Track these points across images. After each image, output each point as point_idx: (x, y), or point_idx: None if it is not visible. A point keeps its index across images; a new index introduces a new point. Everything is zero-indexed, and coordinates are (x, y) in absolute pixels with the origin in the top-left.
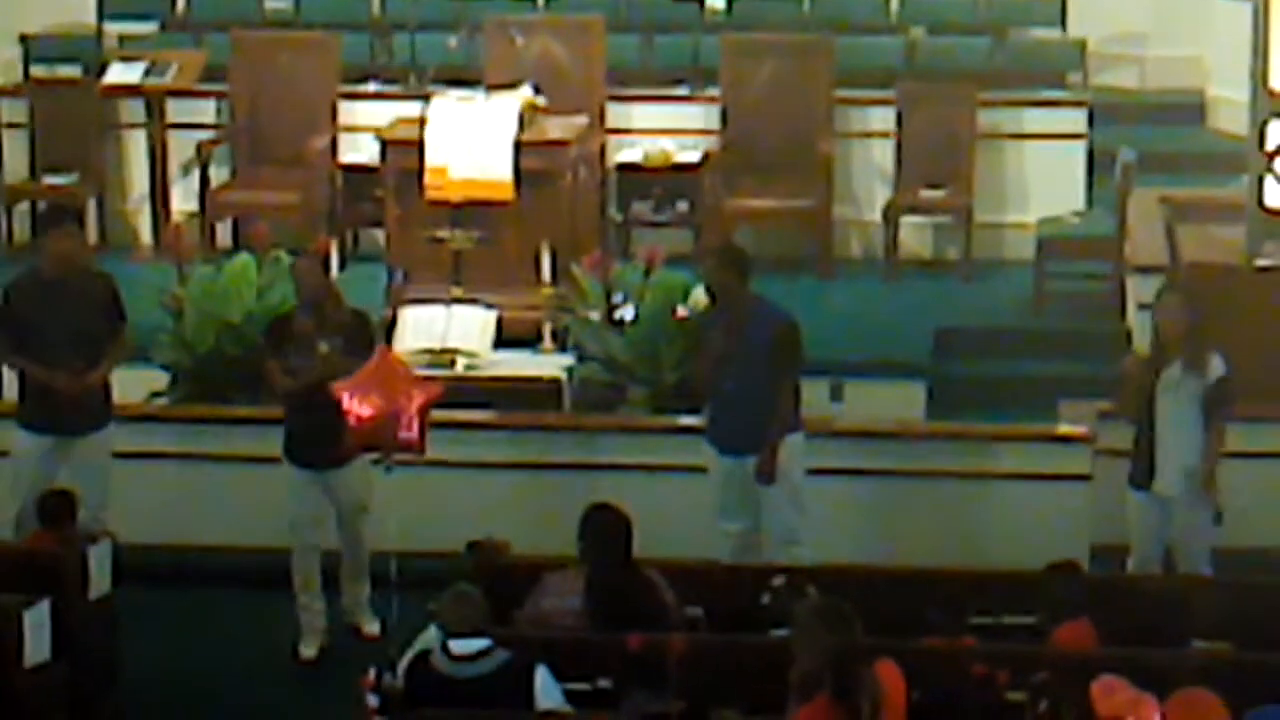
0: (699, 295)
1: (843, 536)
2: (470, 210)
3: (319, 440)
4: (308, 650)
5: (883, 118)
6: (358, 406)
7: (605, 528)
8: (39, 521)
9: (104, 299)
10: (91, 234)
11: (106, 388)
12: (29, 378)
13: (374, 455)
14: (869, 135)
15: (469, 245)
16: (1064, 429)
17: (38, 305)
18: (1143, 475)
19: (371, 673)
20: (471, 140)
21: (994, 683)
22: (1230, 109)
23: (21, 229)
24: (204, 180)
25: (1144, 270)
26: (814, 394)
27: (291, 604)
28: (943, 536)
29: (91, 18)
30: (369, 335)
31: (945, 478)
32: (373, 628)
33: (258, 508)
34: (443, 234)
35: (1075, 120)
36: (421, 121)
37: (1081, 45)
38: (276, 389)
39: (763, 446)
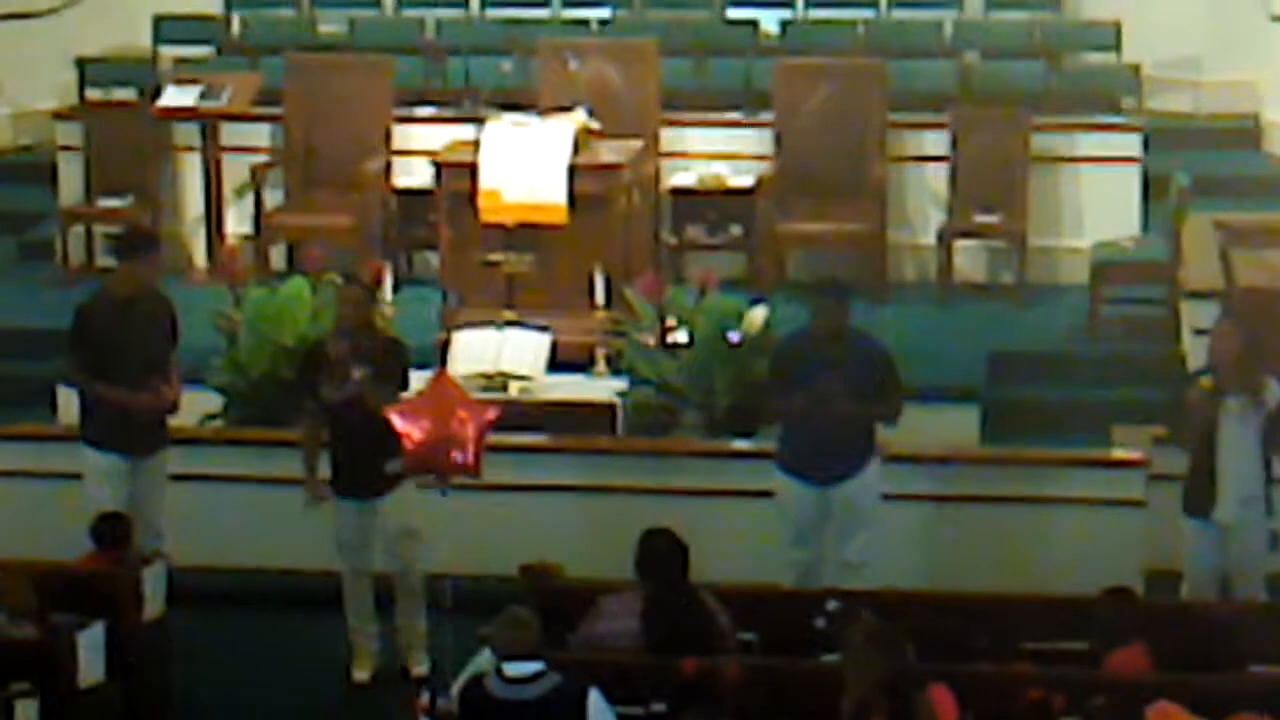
0: (753, 318)
1: (896, 561)
2: (524, 233)
3: (361, 469)
4: (360, 673)
5: (936, 142)
6: (410, 430)
7: (662, 552)
8: (94, 543)
9: (167, 321)
10: None
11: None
12: (102, 398)
13: (426, 479)
14: (923, 159)
15: (522, 268)
16: (1118, 454)
17: (111, 327)
18: (1199, 502)
19: (425, 696)
20: (526, 164)
21: (1049, 707)
22: None
23: (77, 252)
24: (258, 203)
25: (1198, 295)
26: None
27: (344, 626)
28: (996, 561)
29: (147, 41)
30: (403, 364)
31: (999, 503)
32: (421, 668)
33: (310, 530)
34: (496, 257)
35: (1130, 145)
36: (476, 145)
37: (1136, 69)
38: (307, 422)
39: (848, 473)
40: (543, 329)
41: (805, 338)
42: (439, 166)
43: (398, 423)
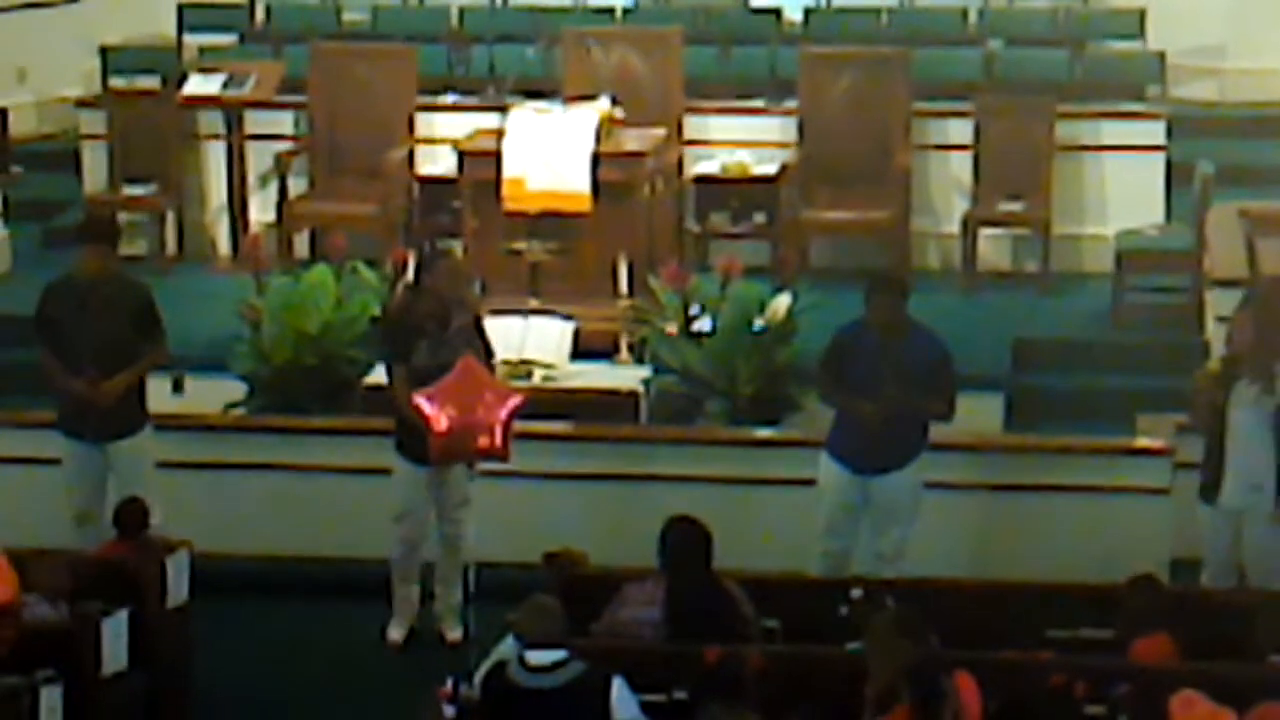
0: (776, 307)
1: (921, 549)
2: (548, 222)
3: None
4: (395, 633)
5: (961, 130)
6: (437, 416)
7: (685, 540)
8: (115, 530)
9: (135, 308)
10: (170, 244)
11: (139, 394)
12: (49, 383)
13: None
14: (947, 148)
15: (546, 257)
16: (1143, 442)
17: (69, 310)
18: (1212, 489)
19: (448, 683)
20: (549, 152)
21: (1072, 695)
22: None
23: None
24: (282, 191)
25: (1223, 284)
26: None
27: (364, 615)
28: (1020, 549)
29: (171, 29)
30: (486, 336)
31: (1023, 491)
32: (455, 634)
33: (333, 518)
34: (520, 245)
35: (1154, 133)
36: (499, 133)
37: (1160, 58)
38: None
39: (895, 465)
40: (567, 317)
41: (862, 328)
42: (463, 154)
43: (425, 408)
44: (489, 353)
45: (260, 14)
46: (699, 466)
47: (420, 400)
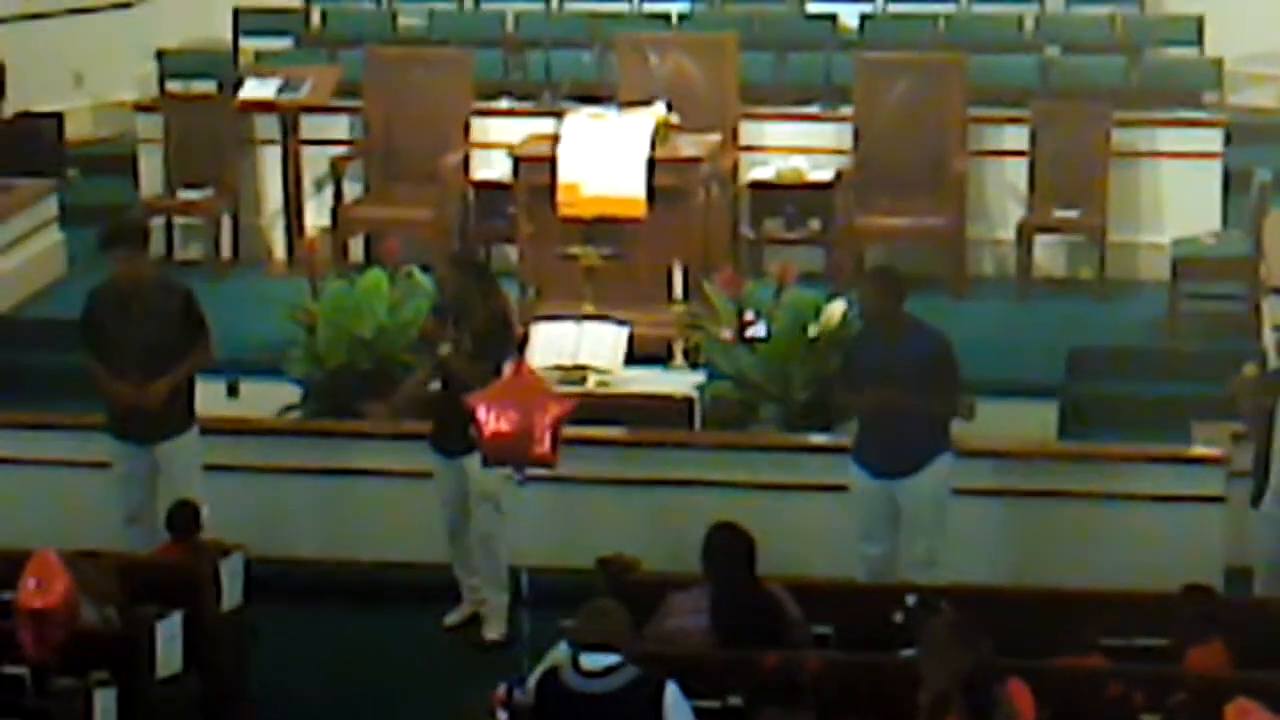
0: (831, 313)
1: (974, 557)
2: (602, 227)
3: (455, 425)
4: (452, 617)
5: (1016, 136)
6: (494, 421)
7: (728, 546)
8: (169, 532)
9: (176, 311)
10: (225, 248)
11: (187, 396)
12: (97, 387)
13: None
14: (1003, 154)
15: (600, 262)
16: (1198, 450)
17: (112, 315)
18: (1261, 495)
19: (502, 688)
20: (604, 157)
21: (1130, 704)
22: None
23: (157, 243)
24: (337, 196)
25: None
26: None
27: (418, 619)
28: (1074, 557)
29: (227, 34)
30: (506, 338)
31: (1077, 498)
32: (492, 634)
33: (389, 522)
34: (574, 250)
35: (1211, 140)
36: (554, 138)
37: (1218, 64)
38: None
39: (915, 469)
40: (621, 322)
41: (865, 329)
42: (517, 160)
43: (481, 414)
44: (497, 356)
45: (316, 18)
46: (752, 472)
47: (478, 405)
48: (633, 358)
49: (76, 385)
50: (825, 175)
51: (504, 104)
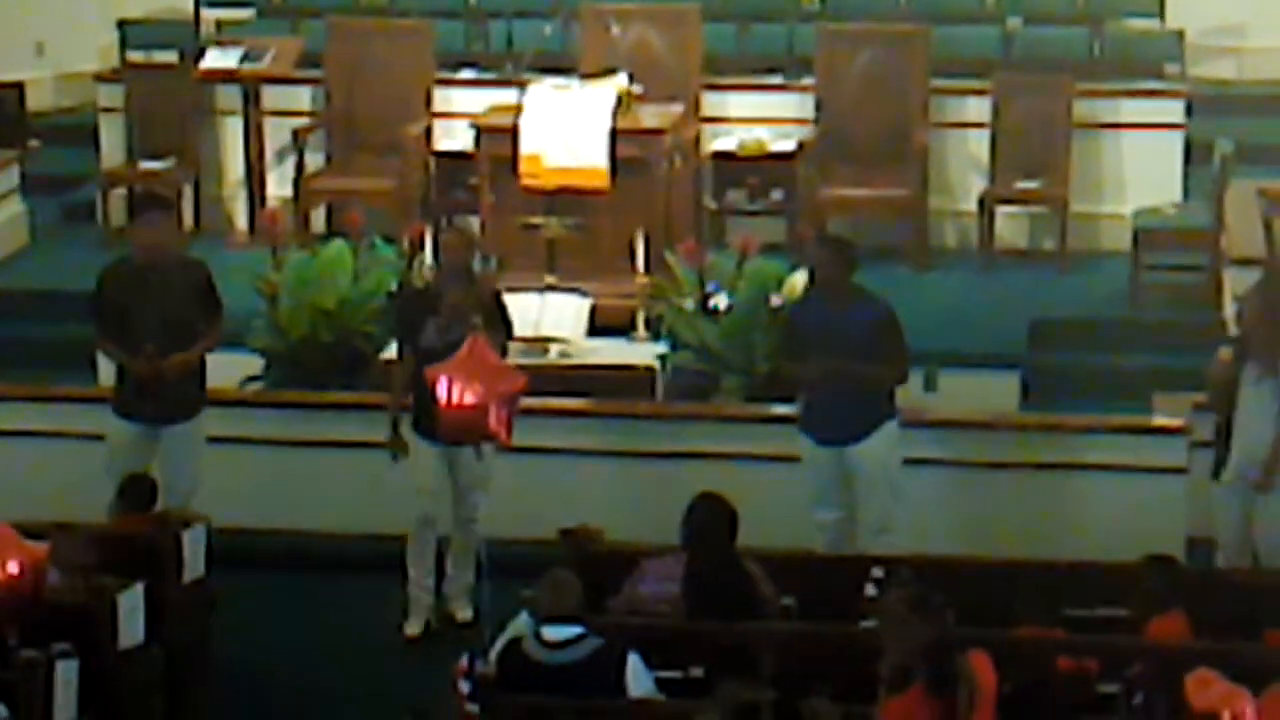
0: (793, 284)
1: (935, 527)
2: (565, 198)
3: None
4: (411, 628)
5: (978, 108)
6: (458, 395)
7: (710, 517)
8: (120, 503)
9: (196, 287)
10: (187, 219)
11: (199, 376)
12: (115, 362)
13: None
14: (965, 125)
15: (563, 233)
16: (1159, 421)
17: (129, 292)
18: (1223, 467)
19: (464, 659)
20: (566, 128)
21: (1086, 674)
22: None
23: (117, 213)
24: (299, 166)
25: (1240, 262)
26: (908, 384)
27: (382, 590)
28: (1036, 528)
29: (189, 3)
30: (507, 312)
31: (1039, 469)
32: (466, 614)
33: (349, 493)
34: (537, 221)
35: (1173, 111)
36: (516, 109)
37: (1179, 36)
38: (401, 367)
39: (860, 435)
40: (583, 293)
41: (809, 297)
42: (479, 130)
43: (441, 388)
44: (508, 328)
45: None
46: (714, 443)
47: (437, 377)
48: (595, 329)
49: (44, 355)
50: (787, 146)
51: (466, 74)
